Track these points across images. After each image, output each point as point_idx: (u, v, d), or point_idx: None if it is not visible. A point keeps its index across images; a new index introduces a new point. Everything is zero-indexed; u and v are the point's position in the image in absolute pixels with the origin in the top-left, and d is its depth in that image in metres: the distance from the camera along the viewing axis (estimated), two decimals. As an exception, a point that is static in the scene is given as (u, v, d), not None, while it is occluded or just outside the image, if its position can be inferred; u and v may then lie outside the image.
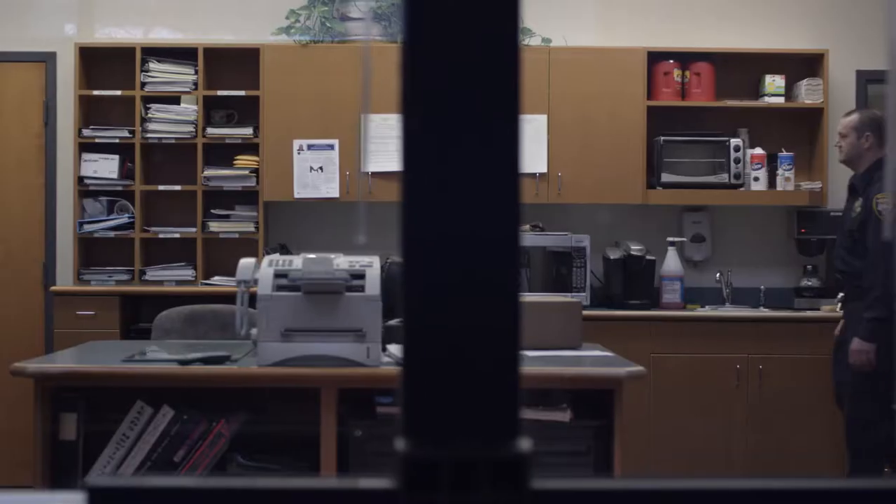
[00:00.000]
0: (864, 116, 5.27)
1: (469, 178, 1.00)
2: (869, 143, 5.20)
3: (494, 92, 1.02)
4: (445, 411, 1.00)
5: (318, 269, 3.52)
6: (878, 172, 5.14)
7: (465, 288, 0.98)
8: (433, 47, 1.02)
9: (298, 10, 6.35)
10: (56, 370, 3.61)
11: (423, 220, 1.00)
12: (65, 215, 6.43)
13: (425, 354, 0.99)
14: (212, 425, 3.72)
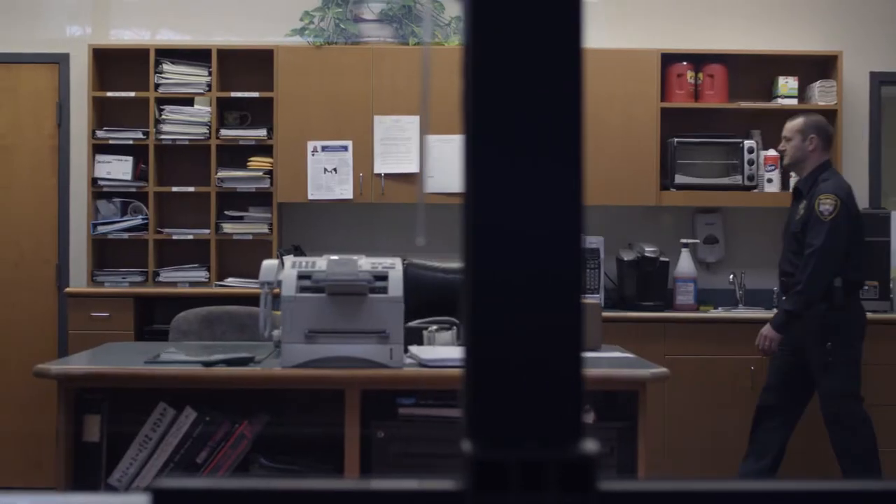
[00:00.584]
0: (809, 120, 5.35)
1: (533, 181, 1.00)
2: (813, 145, 5.27)
3: (557, 100, 1.02)
4: (512, 413, 1.00)
5: (342, 270, 3.52)
6: (822, 175, 5.22)
7: (529, 289, 0.98)
8: (496, 57, 1.02)
9: (312, 12, 6.35)
10: (79, 371, 3.61)
11: (487, 222, 1.00)
12: (78, 217, 6.43)
13: (490, 356, 0.99)
14: (234, 427, 3.72)
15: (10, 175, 6.48)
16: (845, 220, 5.12)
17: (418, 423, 3.65)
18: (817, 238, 5.08)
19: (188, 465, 3.70)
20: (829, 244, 5.07)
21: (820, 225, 5.08)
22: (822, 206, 5.09)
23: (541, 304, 0.99)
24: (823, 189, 5.15)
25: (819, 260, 5.07)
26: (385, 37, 6.34)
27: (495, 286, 0.99)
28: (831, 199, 5.12)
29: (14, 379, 6.43)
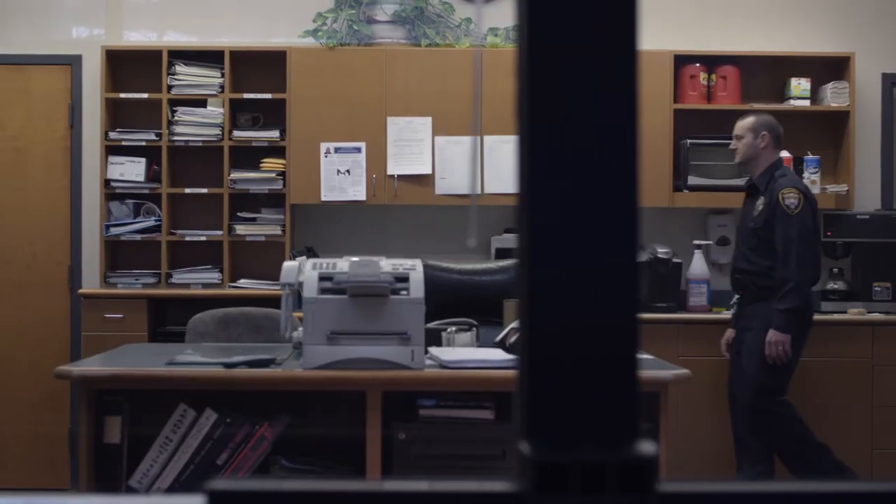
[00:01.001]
0: (761, 118, 5.41)
1: (588, 181, 1.00)
2: (765, 142, 5.33)
3: (612, 100, 1.02)
4: (569, 414, 1.00)
5: (364, 271, 3.52)
6: (777, 171, 5.30)
7: (585, 290, 0.98)
8: (551, 58, 1.02)
9: (325, 14, 6.36)
10: (101, 373, 3.61)
11: (543, 223, 1.00)
12: (90, 218, 6.43)
13: (547, 358, 0.99)
14: (255, 428, 3.72)
15: (22, 176, 6.48)
16: (809, 212, 5.19)
17: (439, 425, 3.64)
18: (791, 231, 5.14)
19: (209, 466, 3.69)
20: (804, 235, 5.14)
21: (789, 219, 5.14)
22: (787, 201, 5.14)
23: (597, 304, 0.99)
24: (784, 184, 5.21)
25: (801, 251, 5.12)
26: (398, 38, 6.35)
27: (551, 287, 0.99)
28: (795, 193, 5.18)
29: (26, 380, 6.43)
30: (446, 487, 1.07)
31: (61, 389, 6.42)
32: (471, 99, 6.19)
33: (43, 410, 6.43)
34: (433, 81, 6.18)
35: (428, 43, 6.33)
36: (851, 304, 6.18)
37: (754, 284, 5.30)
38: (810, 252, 5.17)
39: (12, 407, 6.35)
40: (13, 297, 6.46)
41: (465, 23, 6.42)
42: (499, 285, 4.67)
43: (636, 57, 1.04)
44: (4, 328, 6.42)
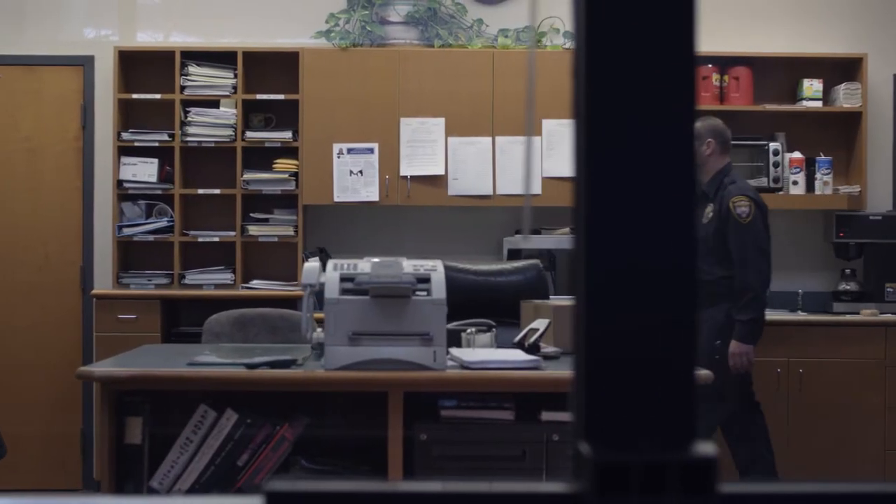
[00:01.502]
0: (706, 124, 5.34)
1: (646, 180, 1.00)
2: (711, 149, 5.28)
3: (669, 100, 1.02)
4: (629, 415, 1.00)
5: (387, 272, 3.52)
6: (725, 178, 5.24)
7: (643, 289, 0.98)
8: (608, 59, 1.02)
9: (338, 14, 6.36)
10: (123, 374, 3.61)
11: (600, 223, 1.00)
12: (103, 219, 6.43)
13: (605, 358, 0.99)
14: (275, 429, 3.72)
15: (35, 177, 6.48)
16: (760, 219, 5.16)
17: (460, 425, 3.64)
18: (746, 240, 5.10)
19: (229, 467, 3.69)
20: (758, 243, 5.11)
21: (742, 228, 5.10)
22: (738, 209, 5.11)
23: (654, 303, 0.99)
24: (733, 191, 5.16)
25: (756, 259, 5.09)
26: (410, 39, 6.35)
27: (608, 286, 0.99)
28: (746, 201, 5.14)
29: (38, 381, 6.43)
30: (504, 488, 1.07)
31: (73, 390, 6.42)
32: (483, 99, 6.19)
33: (55, 411, 6.43)
34: (446, 82, 6.18)
35: (441, 44, 6.33)
36: (864, 305, 6.18)
37: (704, 291, 5.27)
38: (765, 259, 5.13)
39: (24, 408, 6.35)
40: (26, 297, 6.46)
41: (478, 24, 6.42)
42: (514, 286, 4.67)
43: (694, 55, 1.04)
44: (17, 329, 6.43)
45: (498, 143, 6.19)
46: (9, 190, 6.46)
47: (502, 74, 6.19)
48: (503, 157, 6.19)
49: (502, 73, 6.19)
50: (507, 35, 6.40)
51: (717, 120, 5.43)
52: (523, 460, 3.63)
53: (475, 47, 6.34)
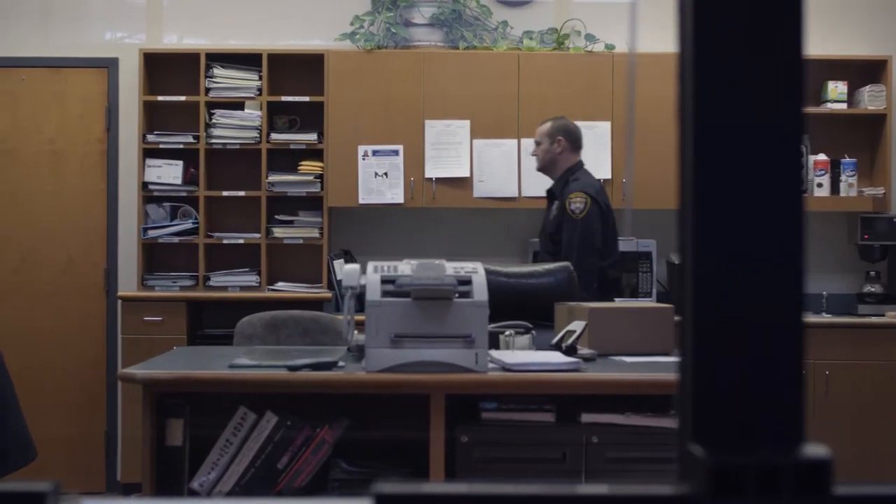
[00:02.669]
0: (557, 123, 5.37)
1: (755, 185, 1.00)
2: (561, 147, 5.30)
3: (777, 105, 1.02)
4: (740, 416, 1.00)
5: (429, 274, 3.51)
6: (572, 176, 5.27)
7: (752, 290, 0.98)
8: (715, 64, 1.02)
9: (363, 16, 6.36)
10: (165, 376, 3.61)
11: (708, 226, 1.00)
12: (127, 221, 6.43)
13: (715, 358, 0.99)
14: (315, 432, 3.72)
15: (59, 180, 6.49)
16: (596, 217, 5.15)
17: (501, 428, 3.64)
18: (574, 236, 5.10)
19: (269, 469, 3.69)
20: (586, 240, 5.10)
21: (573, 223, 5.11)
22: (572, 206, 5.12)
23: (763, 304, 0.99)
24: (573, 188, 5.19)
25: (580, 257, 5.08)
26: (435, 41, 6.35)
27: (716, 288, 0.99)
28: (581, 197, 5.14)
29: (63, 383, 6.44)
30: (615, 491, 1.06)
31: (97, 392, 6.42)
32: (509, 101, 6.19)
33: (79, 413, 6.43)
34: (471, 84, 6.18)
35: (465, 46, 6.33)
36: (889, 307, 6.18)
37: None
38: (591, 258, 5.11)
39: (49, 409, 6.35)
40: (50, 300, 6.46)
41: (502, 25, 6.42)
42: (546, 288, 4.67)
43: (802, 53, 1.04)
44: (41, 331, 6.43)
45: (523, 145, 6.19)
46: (33, 192, 6.46)
47: (528, 76, 6.19)
48: (528, 159, 6.19)
49: (528, 75, 6.20)
50: (531, 37, 6.40)
51: (569, 120, 5.45)
52: (563, 462, 3.62)
53: (500, 49, 6.33)
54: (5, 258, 6.46)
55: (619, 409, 3.65)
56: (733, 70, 1.02)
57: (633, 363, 3.86)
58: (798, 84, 1.07)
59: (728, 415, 0.99)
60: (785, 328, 0.99)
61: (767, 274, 0.98)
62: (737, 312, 0.98)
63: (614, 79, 6.21)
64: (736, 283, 0.98)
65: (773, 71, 1.04)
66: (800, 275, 0.99)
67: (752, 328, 0.98)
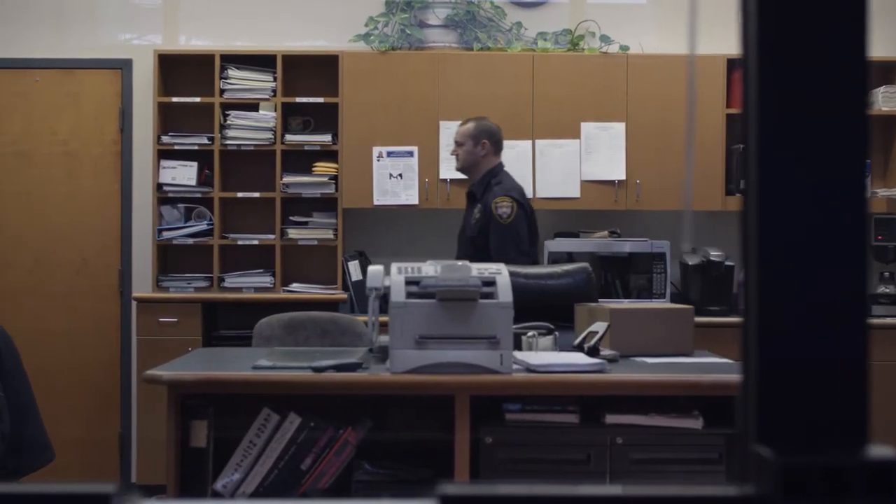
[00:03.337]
0: (481, 125, 5.35)
1: (818, 186, 1.01)
2: (485, 150, 5.29)
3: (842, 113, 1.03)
4: (808, 418, 1.00)
5: (454, 276, 3.51)
6: (494, 178, 5.25)
7: (816, 292, 0.98)
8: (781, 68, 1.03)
9: (377, 18, 6.36)
10: (191, 378, 3.61)
11: (774, 228, 1.00)
12: (140, 222, 6.43)
13: (780, 361, 0.99)
14: (339, 433, 3.72)
15: (73, 181, 6.49)
16: (522, 220, 5.14)
17: (525, 429, 3.64)
18: (504, 240, 5.08)
19: (293, 471, 3.69)
20: (517, 244, 5.09)
21: (502, 227, 5.09)
22: (500, 210, 5.10)
23: (827, 304, 0.99)
24: (497, 192, 5.16)
25: (514, 260, 5.05)
26: (449, 42, 6.35)
27: (782, 290, 0.99)
28: (507, 202, 5.13)
29: (76, 384, 6.44)
30: (682, 492, 1.06)
31: (111, 393, 6.42)
32: (523, 102, 6.19)
33: (93, 415, 6.43)
34: (485, 85, 6.18)
35: (480, 47, 6.33)
36: (903, 308, 6.18)
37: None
38: (522, 259, 5.07)
39: (62, 411, 6.34)
40: (64, 301, 6.46)
41: (516, 27, 6.42)
42: (565, 289, 4.66)
43: (865, 57, 1.05)
44: (55, 332, 6.43)
45: (538, 147, 6.19)
46: (47, 194, 6.47)
47: (542, 77, 6.20)
48: (543, 161, 6.19)
49: (542, 77, 6.20)
50: (545, 38, 6.40)
51: (492, 122, 5.43)
52: (588, 464, 3.62)
53: (514, 50, 6.33)
54: (20, 259, 6.46)
55: (642, 410, 3.65)
56: (797, 72, 1.02)
57: (655, 364, 3.86)
58: (862, 87, 1.07)
59: (795, 416, 1.00)
60: (850, 329, 1.00)
61: (832, 276, 0.98)
62: (802, 314, 0.98)
63: (629, 80, 6.21)
64: (801, 285, 0.98)
65: (837, 73, 1.04)
66: (863, 276, 1.00)
67: (817, 330, 0.98)
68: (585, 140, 6.20)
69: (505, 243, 5.08)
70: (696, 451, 3.64)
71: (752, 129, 1.06)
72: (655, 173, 6.21)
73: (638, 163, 6.20)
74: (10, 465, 4.86)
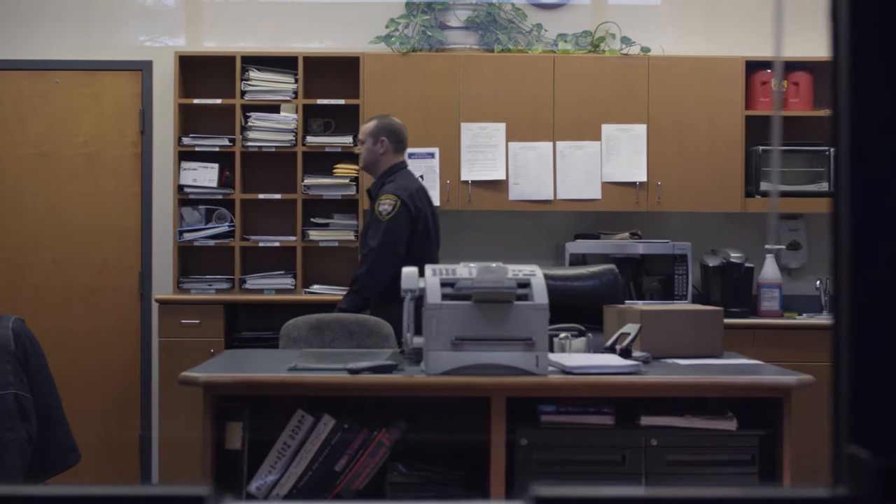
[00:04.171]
0: (382, 123, 5.35)
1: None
2: (384, 147, 5.29)
3: None
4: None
5: (490, 277, 3.52)
6: (389, 177, 5.25)
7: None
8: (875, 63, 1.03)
9: (398, 19, 6.36)
10: (227, 380, 3.61)
11: (869, 225, 1.01)
12: (160, 224, 6.44)
13: (877, 362, 1.00)
14: (373, 434, 3.72)
15: (93, 182, 6.49)
16: (404, 220, 5.10)
17: (560, 431, 3.64)
18: (375, 238, 5.07)
19: (327, 472, 3.69)
20: (385, 243, 5.05)
21: (378, 224, 5.08)
22: (381, 207, 5.10)
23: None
24: (386, 190, 5.16)
25: (375, 259, 5.05)
26: (470, 44, 6.35)
27: (877, 291, 1.00)
28: (390, 200, 5.11)
29: (97, 386, 6.44)
30: (775, 493, 1.07)
31: (132, 394, 6.43)
32: (544, 104, 6.19)
33: (113, 416, 6.44)
34: (506, 87, 6.19)
35: (500, 48, 6.33)
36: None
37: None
38: (391, 259, 5.01)
39: (82, 412, 6.34)
40: (84, 302, 6.47)
41: (537, 28, 6.42)
42: (591, 291, 4.67)
43: None
44: (75, 334, 6.43)
45: (559, 148, 6.19)
46: (67, 195, 6.47)
47: (563, 79, 6.20)
48: (564, 162, 6.19)
49: (563, 78, 6.20)
50: (566, 40, 6.41)
51: (395, 120, 5.43)
52: (623, 465, 3.63)
53: (535, 52, 6.34)
54: (40, 261, 6.46)
55: (677, 411, 3.66)
56: (890, 75, 1.02)
57: (688, 366, 3.86)
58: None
59: (892, 416, 1.00)
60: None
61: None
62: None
63: (650, 81, 6.21)
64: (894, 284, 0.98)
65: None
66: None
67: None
68: (606, 142, 6.21)
69: (376, 238, 5.06)
70: (730, 453, 3.64)
71: (843, 130, 1.07)
72: (676, 175, 6.21)
73: (659, 164, 6.21)
74: (37, 467, 4.87)
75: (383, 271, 4.99)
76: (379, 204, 5.11)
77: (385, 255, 5.04)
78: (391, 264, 4.92)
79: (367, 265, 5.05)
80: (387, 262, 5.01)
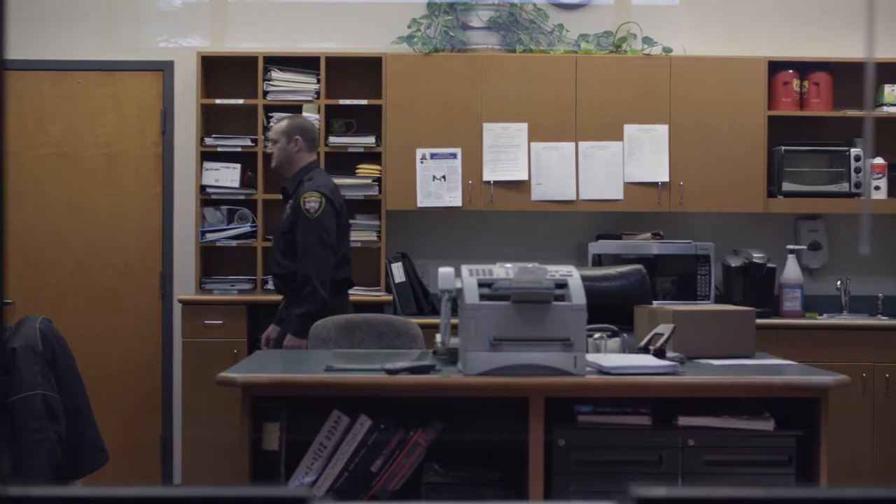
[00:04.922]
0: (294, 122, 5.38)
1: None
2: (298, 146, 5.31)
3: None
4: None
5: (528, 278, 3.52)
6: (306, 175, 5.27)
7: None
8: None
9: (420, 20, 6.37)
10: (265, 380, 3.61)
11: None
12: (182, 224, 6.44)
13: None
14: (409, 435, 3.72)
15: (114, 183, 6.50)
16: (330, 216, 5.14)
17: (597, 431, 3.65)
18: (310, 235, 5.07)
19: (363, 473, 3.69)
20: (322, 240, 5.08)
21: (308, 223, 5.09)
22: (307, 205, 5.11)
23: None
24: (307, 188, 5.17)
25: (317, 256, 5.06)
26: (493, 44, 6.35)
27: None
28: (316, 197, 5.13)
29: (118, 386, 6.45)
30: (858, 494, 1.07)
31: (153, 395, 6.43)
32: (566, 104, 6.19)
33: (135, 416, 6.44)
34: (528, 87, 6.19)
35: (522, 49, 6.34)
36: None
37: (287, 288, 5.20)
38: (329, 254, 5.08)
39: (104, 413, 6.34)
40: (106, 303, 6.47)
41: (558, 29, 6.42)
42: (620, 291, 4.66)
43: None
44: (97, 335, 6.44)
45: (581, 149, 6.19)
46: (89, 195, 6.48)
47: (585, 79, 6.20)
48: (586, 163, 6.20)
49: (585, 78, 6.20)
50: (588, 40, 6.41)
51: (306, 119, 5.46)
52: (660, 465, 3.63)
53: (557, 52, 6.34)
54: (62, 261, 6.47)
55: (713, 411, 3.66)
56: None
57: (723, 366, 3.86)
58: None
59: None
60: None
61: None
62: None
63: (671, 82, 6.21)
64: None
65: None
66: None
67: None
68: (628, 142, 6.21)
69: (311, 237, 5.08)
70: (767, 454, 3.64)
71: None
72: (699, 175, 6.21)
73: (681, 164, 6.21)
74: (67, 467, 4.87)
75: (327, 266, 5.07)
76: (305, 202, 5.12)
77: (324, 251, 5.09)
78: (329, 259, 5.08)
79: (314, 265, 5.07)
80: (326, 257, 5.09)
